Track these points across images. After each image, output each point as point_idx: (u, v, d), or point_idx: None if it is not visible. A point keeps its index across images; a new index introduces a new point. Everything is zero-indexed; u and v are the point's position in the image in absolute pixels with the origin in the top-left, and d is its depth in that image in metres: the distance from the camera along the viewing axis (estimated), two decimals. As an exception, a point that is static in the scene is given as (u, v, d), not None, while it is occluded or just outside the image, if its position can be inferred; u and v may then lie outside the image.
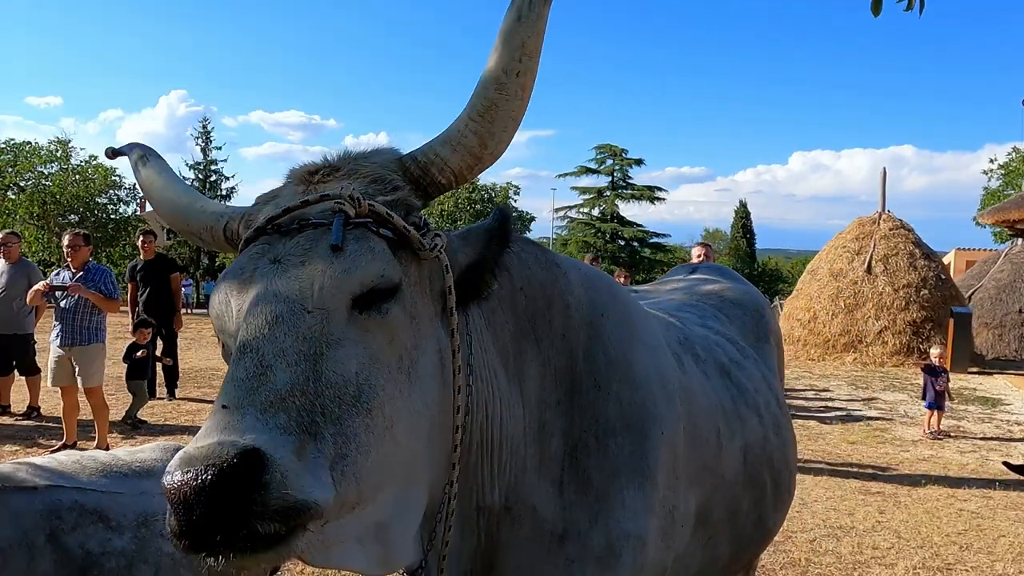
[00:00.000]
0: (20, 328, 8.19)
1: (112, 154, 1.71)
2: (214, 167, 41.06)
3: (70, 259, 6.90)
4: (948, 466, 7.45)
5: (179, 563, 2.59)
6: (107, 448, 6.52)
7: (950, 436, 8.82)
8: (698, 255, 7.16)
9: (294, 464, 1.04)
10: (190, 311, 9.75)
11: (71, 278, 6.79)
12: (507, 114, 1.36)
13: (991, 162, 41.25)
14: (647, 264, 45.57)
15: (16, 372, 8.38)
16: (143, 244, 9.52)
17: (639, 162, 48.28)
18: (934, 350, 9.46)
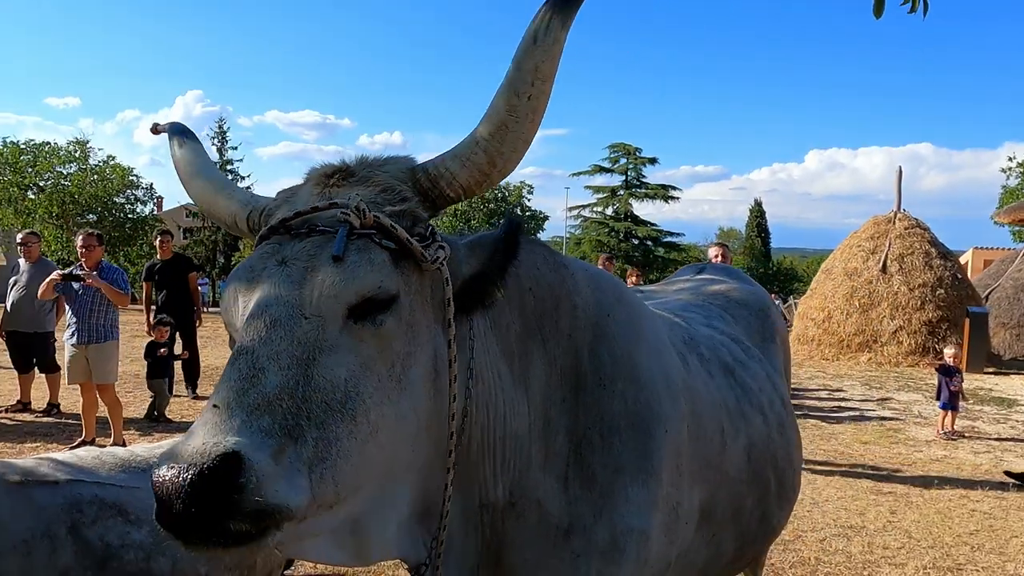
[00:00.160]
0: (41, 326, 8.37)
1: (156, 130, 1.79)
2: (230, 167, 41.33)
3: (84, 259, 7.07)
4: (961, 467, 7.42)
5: (196, 556, 2.66)
6: (123, 444, 6.63)
7: (964, 437, 8.76)
8: (715, 255, 7.11)
9: (271, 468, 1.10)
10: (206, 309, 9.86)
11: (85, 285, 6.96)
12: (517, 136, 1.38)
13: (1010, 160, 40.70)
14: (661, 263, 45.36)
15: (36, 370, 8.53)
16: (161, 244, 9.62)
17: (653, 161, 48.10)
18: (948, 350, 9.41)
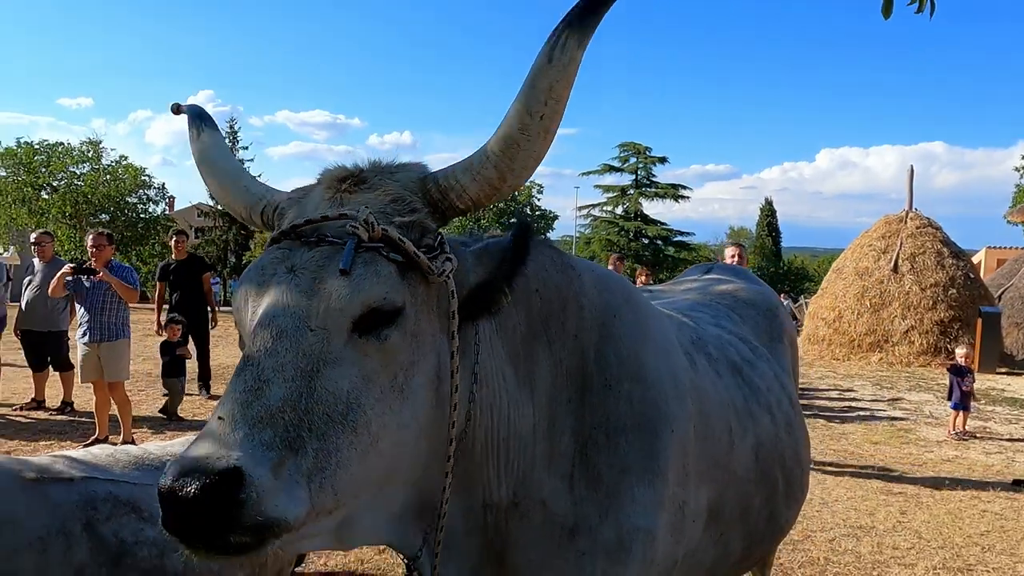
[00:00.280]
0: (55, 325, 8.46)
1: (176, 110, 1.81)
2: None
3: (94, 258, 7.19)
4: (973, 467, 7.38)
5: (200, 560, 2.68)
6: (132, 442, 6.69)
7: (976, 437, 8.72)
8: (732, 255, 7.09)
9: (270, 483, 1.13)
10: (218, 308, 9.93)
11: (95, 279, 7.03)
12: (528, 154, 1.38)
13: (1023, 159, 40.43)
14: (671, 263, 45.26)
15: (51, 368, 8.62)
16: (176, 244, 9.67)
17: (663, 160, 48.04)
18: (960, 350, 9.36)
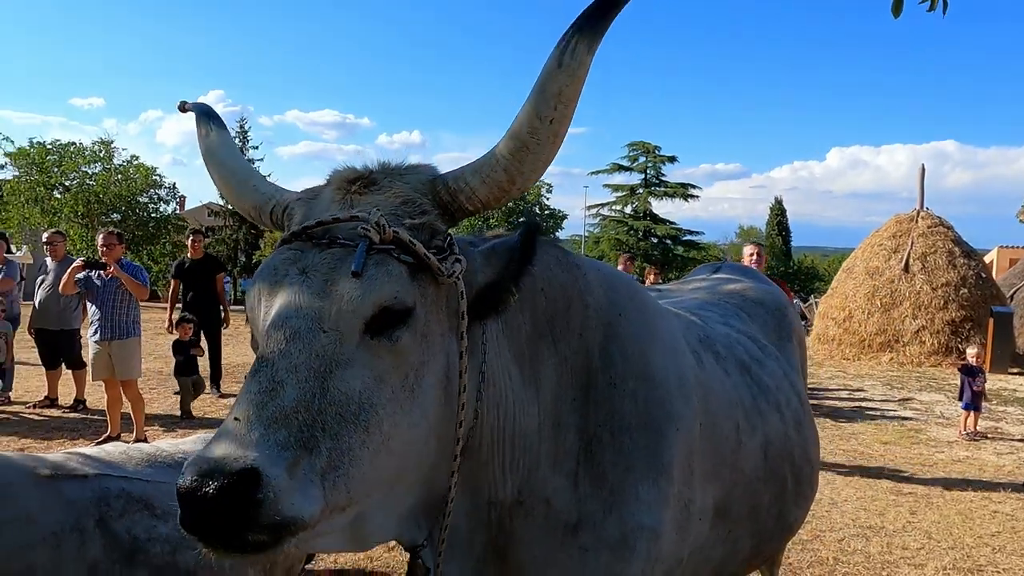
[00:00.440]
0: (67, 324, 8.54)
1: (183, 108, 1.82)
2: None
3: (105, 257, 7.28)
4: (984, 467, 7.34)
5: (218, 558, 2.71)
6: (144, 440, 6.75)
7: (987, 437, 8.67)
8: (751, 253, 7.06)
9: (286, 483, 1.15)
10: (229, 307, 10.04)
11: (105, 276, 7.10)
12: (537, 157, 1.39)
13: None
14: (680, 262, 45.10)
15: (63, 366, 8.69)
16: (192, 243, 9.74)
17: (672, 159, 47.85)
18: (971, 350, 9.31)
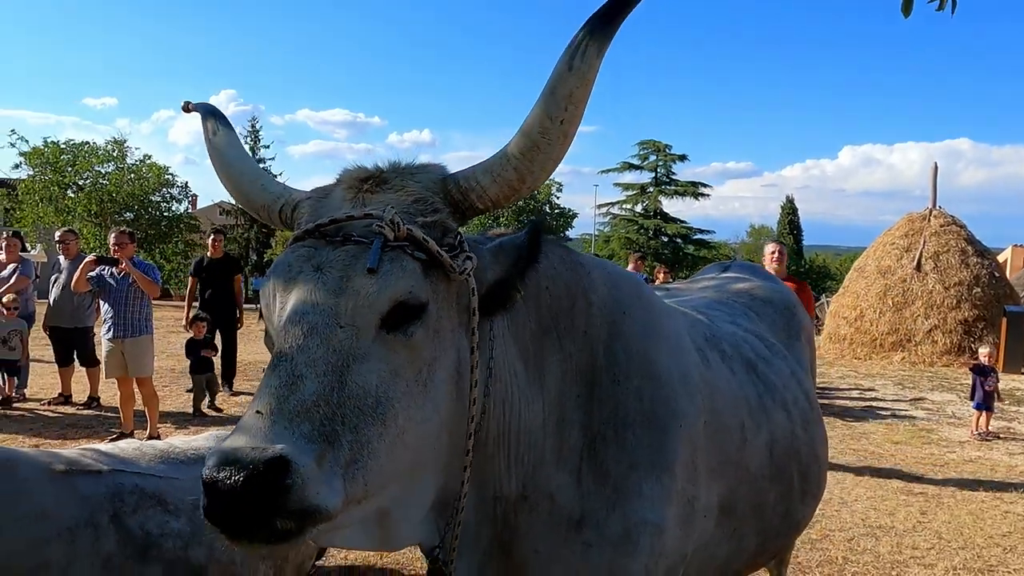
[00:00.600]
0: (81, 322, 8.63)
1: (187, 108, 1.84)
2: (262, 165, 41.52)
3: (117, 256, 7.28)
4: (996, 468, 7.30)
5: (240, 550, 2.75)
6: (157, 436, 6.80)
7: (999, 437, 8.62)
8: (771, 252, 7.04)
9: (315, 472, 1.17)
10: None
11: (117, 274, 7.15)
12: (547, 156, 1.42)
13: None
14: (690, 261, 44.99)
15: (76, 363, 8.77)
16: (213, 242, 9.79)
17: (683, 158, 47.78)
18: (983, 349, 9.26)
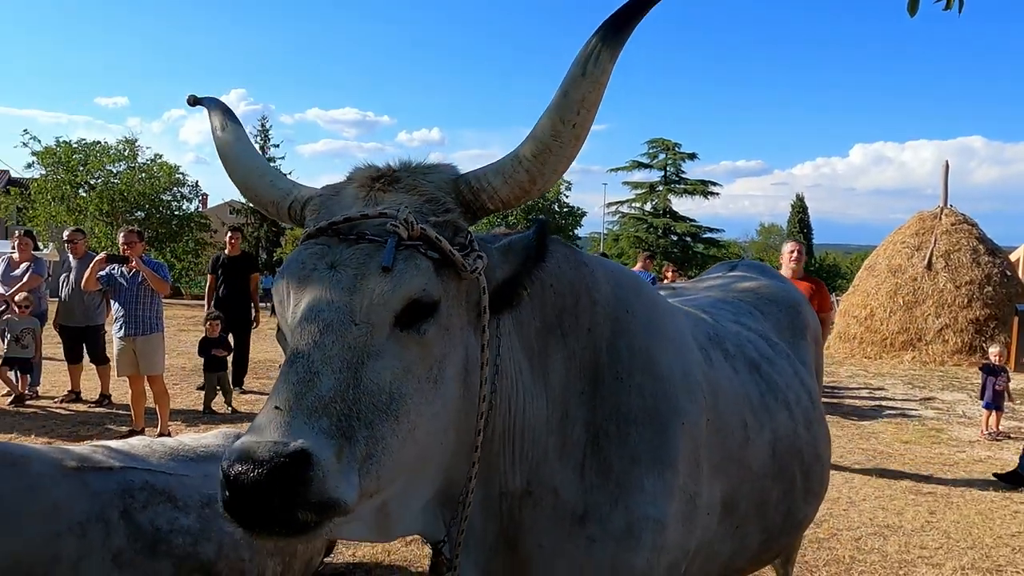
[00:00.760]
0: (91, 320, 8.71)
1: (192, 102, 1.86)
2: (272, 164, 41.77)
3: (126, 253, 7.36)
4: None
5: (239, 541, 2.78)
6: (168, 434, 6.86)
7: (1010, 437, 8.57)
8: (790, 251, 7.04)
9: (335, 465, 1.20)
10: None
11: (127, 272, 7.22)
12: (559, 158, 1.44)
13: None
14: (700, 259, 44.84)
15: (87, 360, 8.84)
16: (230, 240, 9.88)
17: (692, 156, 47.62)
18: (993, 348, 9.21)
